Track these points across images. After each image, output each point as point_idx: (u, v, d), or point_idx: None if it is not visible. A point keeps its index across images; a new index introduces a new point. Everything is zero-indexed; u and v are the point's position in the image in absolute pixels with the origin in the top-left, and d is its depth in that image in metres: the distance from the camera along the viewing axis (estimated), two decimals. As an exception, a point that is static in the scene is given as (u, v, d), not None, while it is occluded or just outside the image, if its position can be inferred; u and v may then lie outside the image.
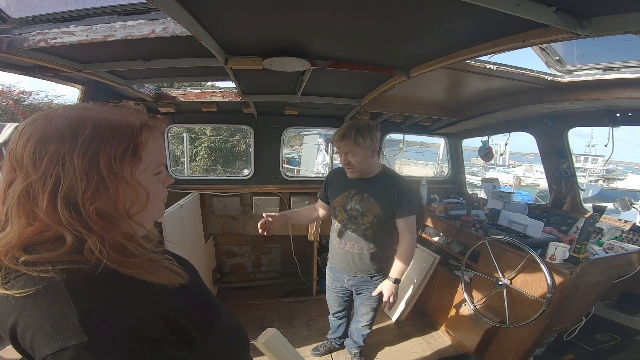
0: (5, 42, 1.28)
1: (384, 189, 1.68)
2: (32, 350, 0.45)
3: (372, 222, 1.70)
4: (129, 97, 2.34)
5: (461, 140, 3.56)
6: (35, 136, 0.48)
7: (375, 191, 1.69)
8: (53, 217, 0.47)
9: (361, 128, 1.59)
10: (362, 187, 1.72)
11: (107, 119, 0.51)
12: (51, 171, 0.46)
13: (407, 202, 1.66)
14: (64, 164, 0.47)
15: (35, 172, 0.46)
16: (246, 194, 3.09)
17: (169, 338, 0.50)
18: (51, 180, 0.46)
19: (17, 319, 0.45)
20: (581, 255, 1.82)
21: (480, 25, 1.10)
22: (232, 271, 3.56)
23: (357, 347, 2.24)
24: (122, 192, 0.52)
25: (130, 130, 0.53)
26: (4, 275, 0.46)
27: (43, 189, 0.46)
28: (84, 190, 0.47)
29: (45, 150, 0.47)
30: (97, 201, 0.49)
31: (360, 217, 1.72)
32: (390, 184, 1.69)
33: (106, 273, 0.49)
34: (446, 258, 2.82)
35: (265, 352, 0.80)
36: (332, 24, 1.16)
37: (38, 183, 0.46)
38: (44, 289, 0.45)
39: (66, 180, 0.47)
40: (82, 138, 0.48)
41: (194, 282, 0.62)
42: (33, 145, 0.47)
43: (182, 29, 1.15)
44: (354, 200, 1.73)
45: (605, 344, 2.16)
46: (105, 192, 0.50)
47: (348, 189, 1.76)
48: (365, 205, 1.70)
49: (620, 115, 2.12)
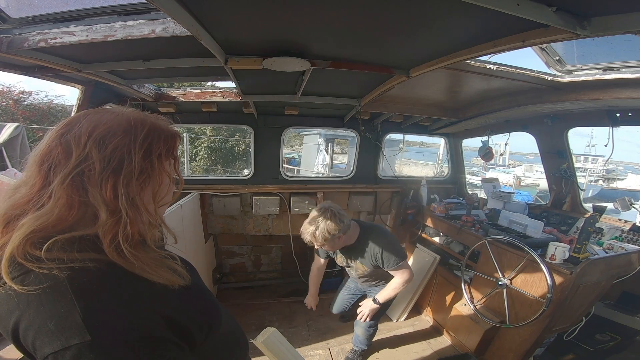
0: (5, 42, 1.28)
1: (365, 253, 1.90)
2: (33, 349, 0.45)
3: (365, 272, 2.01)
4: (129, 97, 2.33)
5: (461, 140, 3.56)
6: (102, 125, 0.54)
7: (358, 255, 1.94)
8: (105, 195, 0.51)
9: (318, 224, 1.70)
10: (348, 253, 1.99)
11: (158, 123, 0.62)
12: (115, 155, 0.53)
13: (388, 259, 1.84)
14: (129, 152, 0.54)
15: (99, 154, 0.52)
16: (246, 194, 3.09)
17: (171, 338, 0.50)
18: (114, 164, 0.53)
19: (20, 317, 0.45)
20: (581, 255, 1.82)
21: (480, 25, 1.10)
22: (232, 271, 3.56)
23: (357, 346, 2.30)
24: (162, 183, 0.60)
25: (172, 135, 0.63)
26: (12, 270, 0.46)
27: (104, 169, 0.52)
28: (137, 175, 0.55)
29: (111, 138, 0.53)
30: (146, 188, 0.57)
31: (355, 270, 2.05)
32: (369, 247, 1.88)
33: (110, 272, 0.49)
34: (446, 258, 2.82)
35: (264, 350, 0.81)
36: (332, 24, 1.16)
37: (99, 163, 0.52)
38: (48, 287, 0.45)
39: (127, 164, 0.54)
40: (142, 134, 0.57)
41: (194, 283, 0.63)
42: (101, 132, 0.53)
43: (182, 29, 1.15)
44: (346, 260, 2.03)
45: (605, 344, 2.16)
46: (152, 181, 0.58)
47: (341, 253, 2.02)
48: (355, 264, 2.00)
49: (620, 115, 2.12)
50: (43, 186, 0.51)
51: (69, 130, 0.54)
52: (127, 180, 0.54)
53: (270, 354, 0.81)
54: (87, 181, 0.51)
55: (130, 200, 0.54)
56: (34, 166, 0.53)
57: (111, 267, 0.50)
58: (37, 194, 0.51)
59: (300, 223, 3.21)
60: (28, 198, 0.52)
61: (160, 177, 0.59)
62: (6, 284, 0.46)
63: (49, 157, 0.52)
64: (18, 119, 7.02)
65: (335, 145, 11.60)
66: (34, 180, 0.52)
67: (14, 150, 2.67)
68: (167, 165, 0.61)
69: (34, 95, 7.86)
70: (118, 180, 0.53)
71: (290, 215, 3.17)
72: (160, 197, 0.61)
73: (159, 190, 0.60)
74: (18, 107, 7.47)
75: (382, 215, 3.41)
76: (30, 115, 7.61)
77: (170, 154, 0.62)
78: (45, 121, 7.64)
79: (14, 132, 2.64)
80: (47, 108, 7.98)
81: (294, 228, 3.24)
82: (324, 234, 1.68)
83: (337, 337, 2.61)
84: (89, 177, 0.51)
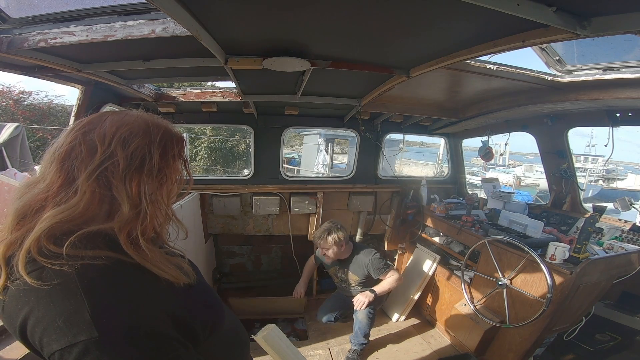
0: (5, 42, 1.28)
1: (356, 266, 2.32)
2: (40, 346, 0.45)
3: (357, 282, 2.35)
4: (129, 97, 2.34)
5: (461, 140, 3.56)
6: (125, 125, 0.58)
7: (350, 267, 2.35)
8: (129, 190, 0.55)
9: (331, 230, 2.21)
10: (342, 265, 2.39)
11: (171, 127, 0.66)
12: (137, 154, 0.57)
13: (376, 268, 2.24)
14: (149, 151, 0.58)
15: (123, 152, 0.55)
16: (246, 194, 3.09)
17: (176, 336, 0.51)
18: (136, 162, 0.56)
19: (29, 313, 0.46)
20: (581, 255, 1.82)
21: (480, 25, 1.10)
22: (232, 271, 3.56)
23: (357, 345, 2.31)
24: (175, 181, 0.64)
25: (181, 137, 0.67)
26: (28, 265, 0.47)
27: (128, 166, 0.55)
28: (157, 173, 0.59)
29: (133, 138, 0.57)
30: (163, 185, 0.61)
31: (347, 282, 2.39)
32: (359, 262, 2.30)
33: (119, 270, 0.51)
34: (446, 258, 2.82)
35: (264, 346, 0.82)
36: (332, 24, 1.16)
37: (123, 161, 0.55)
38: (59, 284, 0.46)
39: (147, 162, 0.57)
40: (159, 136, 0.61)
41: (199, 282, 0.65)
42: (124, 132, 0.57)
43: (182, 29, 1.15)
44: (340, 272, 2.41)
45: (605, 344, 2.16)
46: (167, 179, 0.62)
47: (334, 265, 2.42)
48: (347, 276, 2.37)
49: (620, 115, 2.12)
50: (66, 182, 0.53)
51: (92, 129, 0.56)
52: (148, 178, 0.58)
53: (270, 349, 0.82)
54: (112, 177, 0.54)
55: (150, 195, 0.58)
56: (54, 163, 0.55)
57: (120, 265, 0.51)
58: (59, 189, 0.53)
59: (300, 223, 3.27)
60: (48, 194, 0.53)
61: (173, 175, 0.64)
62: (17, 280, 0.47)
63: (70, 154, 0.54)
64: (18, 119, 7.01)
65: (335, 145, 11.61)
66: (54, 176, 0.54)
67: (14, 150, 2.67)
68: (179, 165, 0.66)
69: (34, 95, 7.86)
70: (141, 177, 0.57)
71: (290, 215, 3.17)
72: (172, 195, 0.65)
73: (172, 188, 0.64)
74: (18, 107, 7.46)
75: (382, 215, 3.40)
76: (30, 115, 7.60)
77: (181, 155, 0.66)
78: (45, 121, 7.65)
79: (14, 132, 2.64)
80: (47, 108, 7.98)
81: (293, 228, 3.24)
82: (334, 238, 2.19)
83: (337, 337, 2.62)
84: (113, 174, 0.54)
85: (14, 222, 0.52)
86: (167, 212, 0.63)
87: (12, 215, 0.52)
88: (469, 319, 2.30)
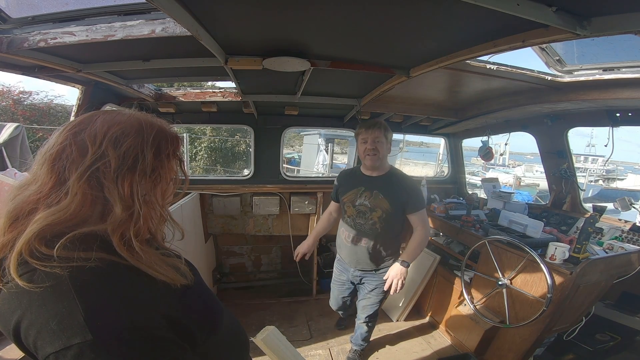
0: (5, 42, 1.28)
1: (393, 186, 1.80)
2: (34, 349, 0.45)
3: (381, 217, 1.79)
4: (129, 97, 2.34)
5: (461, 140, 3.56)
6: (116, 125, 0.56)
7: (384, 188, 1.80)
8: (122, 190, 0.53)
9: (386, 125, 1.81)
10: (372, 184, 1.83)
11: (165, 126, 0.65)
12: (129, 154, 0.55)
13: (416, 198, 1.79)
14: (142, 151, 0.56)
15: (114, 152, 0.54)
16: (246, 194, 3.09)
17: (172, 337, 0.51)
18: (129, 162, 0.55)
19: (22, 316, 0.45)
20: (581, 255, 1.82)
21: (480, 25, 1.10)
22: (232, 271, 3.56)
23: (357, 345, 2.28)
24: (170, 181, 0.64)
25: (176, 136, 0.66)
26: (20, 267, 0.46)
27: (119, 166, 0.54)
28: (150, 173, 0.58)
29: (125, 138, 0.55)
30: (157, 185, 0.60)
31: (369, 213, 1.81)
32: (399, 181, 1.82)
33: (113, 272, 0.50)
34: (446, 258, 2.82)
35: (263, 348, 0.82)
36: (332, 24, 1.16)
37: (115, 161, 0.53)
38: (50, 287, 0.45)
39: (140, 162, 0.56)
40: (152, 135, 0.59)
41: (197, 282, 0.64)
42: (116, 131, 0.55)
43: (182, 29, 1.15)
44: (364, 196, 1.83)
45: (605, 344, 2.15)
46: (162, 179, 0.61)
47: (358, 186, 1.87)
48: (374, 201, 1.80)
49: (620, 115, 2.12)
50: (57, 183, 0.52)
51: (83, 129, 0.55)
52: (141, 178, 0.56)
53: (269, 351, 0.82)
54: (104, 178, 0.53)
55: (144, 196, 0.56)
56: (45, 164, 0.53)
57: (114, 266, 0.50)
58: (50, 191, 0.52)
59: (300, 223, 3.27)
60: (39, 195, 0.52)
61: (168, 175, 0.63)
62: (9, 283, 0.46)
63: (61, 155, 0.53)
64: (18, 119, 7.02)
65: (335, 145, 11.62)
66: (45, 178, 0.53)
67: (14, 150, 2.67)
68: (174, 165, 0.65)
69: (34, 95, 7.86)
70: (134, 177, 0.55)
71: (290, 215, 3.16)
72: (167, 195, 0.64)
73: (167, 188, 0.63)
74: (18, 107, 7.46)
75: (382, 215, 3.40)
76: (30, 115, 7.61)
77: (176, 155, 0.65)
78: (45, 121, 7.65)
79: (14, 132, 2.63)
80: (47, 108, 7.99)
81: (294, 228, 3.24)
82: (385, 133, 1.78)
83: (337, 337, 2.61)
84: (104, 174, 0.53)
85: (6, 224, 0.51)
86: (161, 213, 0.61)
87: (4, 218, 0.51)
88: (469, 319, 2.30)
